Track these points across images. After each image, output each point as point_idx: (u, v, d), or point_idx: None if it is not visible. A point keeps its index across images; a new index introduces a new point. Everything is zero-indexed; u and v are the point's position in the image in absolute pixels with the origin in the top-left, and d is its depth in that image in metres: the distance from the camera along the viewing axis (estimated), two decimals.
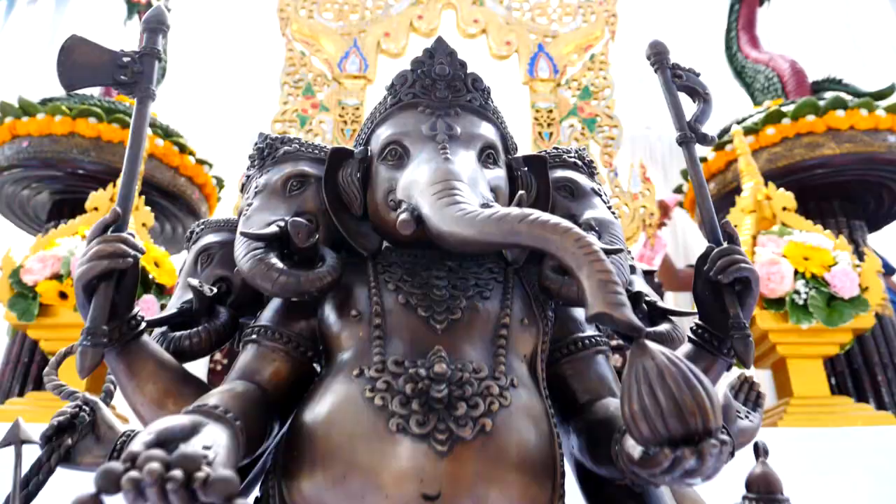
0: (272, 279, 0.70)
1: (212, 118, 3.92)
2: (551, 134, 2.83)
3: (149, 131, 2.41)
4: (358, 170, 0.83)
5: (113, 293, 0.70)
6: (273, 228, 0.75)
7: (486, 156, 0.81)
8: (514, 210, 0.60)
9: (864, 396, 2.08)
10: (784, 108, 2.52)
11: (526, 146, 2.89)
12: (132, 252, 0.70)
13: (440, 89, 0.83)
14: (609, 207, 0.89)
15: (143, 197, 2.15)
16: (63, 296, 1.82)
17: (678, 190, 3.03)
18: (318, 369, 0.76)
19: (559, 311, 0.81)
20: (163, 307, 1.90)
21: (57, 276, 1.80)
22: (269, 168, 0.88)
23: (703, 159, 2.81)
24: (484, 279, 0.76)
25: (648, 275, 2.51)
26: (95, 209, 2.05)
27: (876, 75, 3.83)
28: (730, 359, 0.79)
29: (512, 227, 0.59)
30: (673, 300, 3.56)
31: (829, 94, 2.64)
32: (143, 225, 2.12)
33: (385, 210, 0.78)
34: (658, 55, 0.90)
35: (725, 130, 2.76)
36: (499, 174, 0.81)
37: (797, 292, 1.80)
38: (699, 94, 0.88)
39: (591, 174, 0.95)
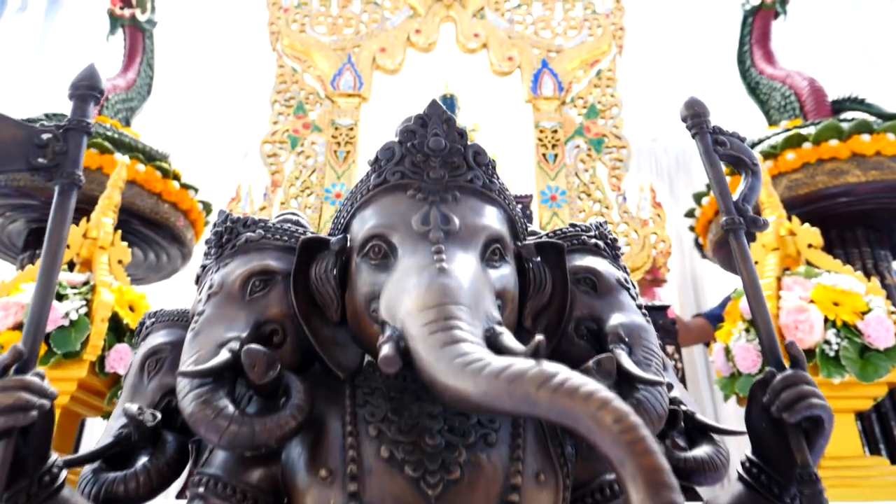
0: (220, 430, 0.55)
1: (199, 139, 3.77)
2: (556, 156, 2.68)
3: (125, 158, 2.27)
4: (335, 265, 0.68)
5: (20, 445, 0.55)
6: (223, 356, 0.60)
7: (492, 252, 0.66)
8: (532, 368, 0.45)
9: (894, 450, 1.93)
10: (804, 131, 2.36)
11: (529, 168, 2.74)
12: (37, 402, 0.55)
13: (434, 167, 0.68)
14: (640, 307, 0.73)
15: (120, 231, 1.99)
16: None
17: (689, 214, 2.88)
18: None
19: (581, 446, 0.66)
20: None
21: (20, 326, 1.65)
22: (228, 260, 0.72)
23: None
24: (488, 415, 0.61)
25: (660, 310, 2.36)
26: (67, 247, 1.90)
27: (892, 91, 3.68)
28: None
29: (528, 393, 0.44)
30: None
31: (850, 115, 2.50)
32: (119, 262, 1.97)
33: (366, 321, 0.63)
34: (696, 118, 0.74)
35: None
36: (505, 272, 0.67)
37: (827, 342, 1.65)
38: (746, 165, 0.73)
39: (616, 257, 0.80)
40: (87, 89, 0.66)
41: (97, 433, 2.01)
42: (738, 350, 1.78)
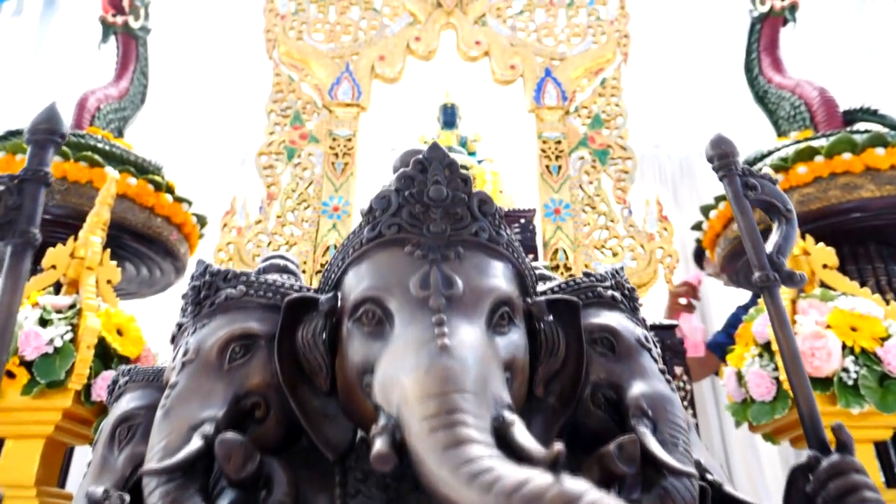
0: None
1: (195, 146, 3.70)
2: (559, 167, 2.61)
3: (115, 173, 2.20)
4: (324, 328, 0.61)
5: None
6: (195, 445, 0.53)
7: (500, 316, 0.59)
8: (551, 487, 0.38)
9: None
10: (816, 144, 2.29)
11: (532, 181, 2.67)
12: None
13: (435, 220, 0.61)
14: (663, 373, 0.66)
15: (108, 250, 1.92)
16: (10, 375, 1.59)
17: (697, 227, 2.81)
18: None
19: None
20: None
21: None
22: (206, 320, 0.65)
23: (723, 197, 2.58)
24: None
25: (668, 329, 2.29)
26: (53, 267, 1.83)
27: None
28: None
29: None
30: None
31: (862, 126, 2.43)
32: (109, 282, 1.90)
33: (358, 396, 0.56)
34: (724, 158, 0.67)
35: (749, 164, 2.54)
36: (514, 338, 0.59)
37: (846, 370, 1.58)
38: (779, 211, 0.66)
39: (634, 309, 0.73)
40: (45, 133, 0.58)
41: (86, 461, 1.93)
42: (752, 376, 1.71)
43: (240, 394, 0.59)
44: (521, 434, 0.47)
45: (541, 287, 0.73)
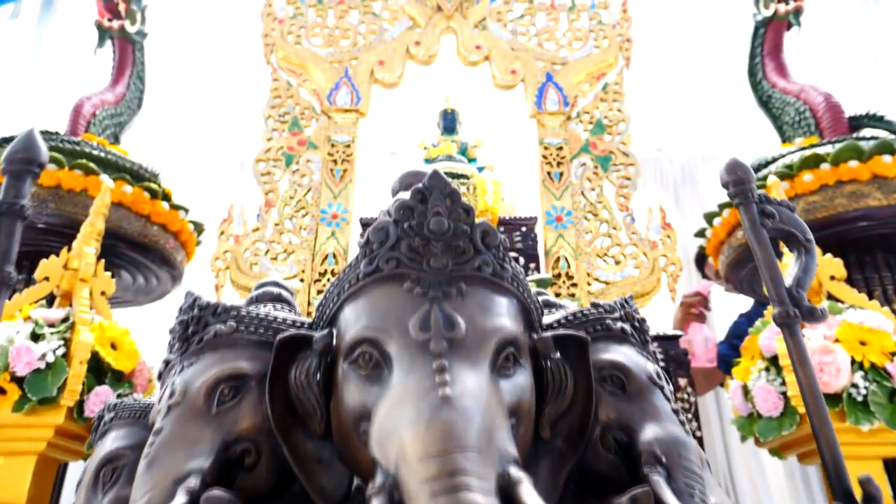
0: None
1: (193, 150, 3.67)
2: (561, 174, 2.59)
3: (110, 182, 2.16)
4: (318, 367, 0.57)
5: None
6: (178, 502, 0.49)
7: (505, 357, 0.55)
8: None
9: None
10: (821, 151, 2.26)
11: (534, 187, 2.64)
12: None
13: (436, 254, 0.57)
14: (676, 412, 0.63)
15: (103, 260, 1.89)
16: (0, 391, 1.56)
17: (700, 234, 2.77)
18: None
19: None
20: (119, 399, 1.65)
21: None
22: (193, 358, 0.61)
23: (727, 205, 2.54)
24: None
25: (671, 340, 2.25)
26: (46, 279, 1.80)
27: None
28: None
29: None
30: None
31: (868, 133, 2.40)
32: (103, 294, 1.86)
33: (354, 444, 0.53)
34: (740, 185, 0.64)
35: (754, 169, 2.51)
36: (520, 381, 0.56)
37: (855, 386, 1.54)
38: (798, 241, 0.62)
39: (645, 342, 0.69)
40: (22, 163, 0.54)
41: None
42: (758, 391, 1.67)
43: (228, 440, 0.56)
44: (529, 496, 0.43)
45: (547, 317, 0.69)
